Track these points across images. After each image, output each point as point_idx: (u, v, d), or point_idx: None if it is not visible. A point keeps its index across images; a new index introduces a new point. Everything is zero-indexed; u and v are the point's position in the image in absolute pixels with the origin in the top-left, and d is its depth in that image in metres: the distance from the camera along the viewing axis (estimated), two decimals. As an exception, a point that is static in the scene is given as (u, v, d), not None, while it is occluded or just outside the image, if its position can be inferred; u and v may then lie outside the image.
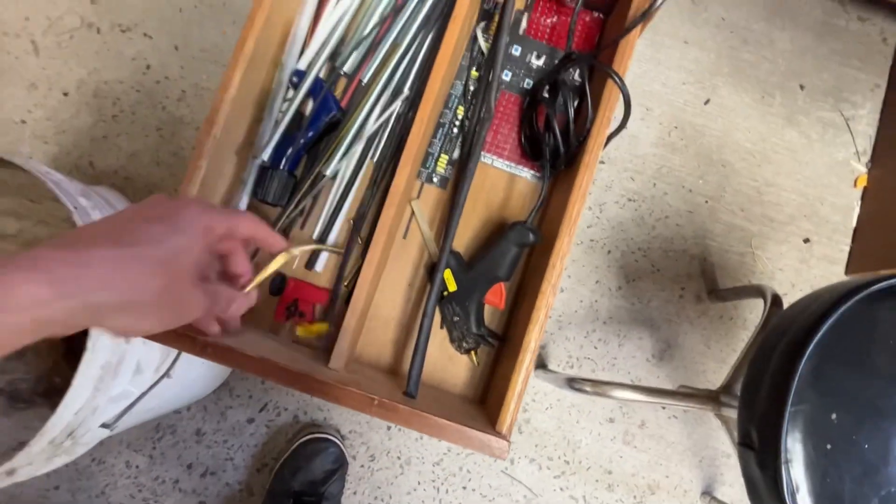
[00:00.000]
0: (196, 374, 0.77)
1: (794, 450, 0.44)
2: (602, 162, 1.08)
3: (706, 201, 1.09)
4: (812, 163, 1.12)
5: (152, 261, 0.30)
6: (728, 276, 1.07)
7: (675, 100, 1.11)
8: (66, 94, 1.05)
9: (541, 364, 1.01)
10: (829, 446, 0.44)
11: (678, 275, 1.06)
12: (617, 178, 1.08)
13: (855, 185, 1.11)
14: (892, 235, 1.03)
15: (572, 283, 1.05)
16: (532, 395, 1.01)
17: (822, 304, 0.47)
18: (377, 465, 0.99)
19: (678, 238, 1.07)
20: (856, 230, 1.10)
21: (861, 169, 1.12)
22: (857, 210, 1.10)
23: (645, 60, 1.12)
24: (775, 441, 0.44)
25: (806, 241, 1.09)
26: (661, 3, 0.48)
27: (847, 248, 1.09)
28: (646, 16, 0.48)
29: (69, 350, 0.93)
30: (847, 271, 1.08)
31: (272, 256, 0.46)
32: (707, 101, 1.12)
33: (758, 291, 0.88)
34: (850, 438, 0.44)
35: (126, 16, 1.07)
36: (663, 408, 1.02)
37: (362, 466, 0.99)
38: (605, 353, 1.03)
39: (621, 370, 1.03)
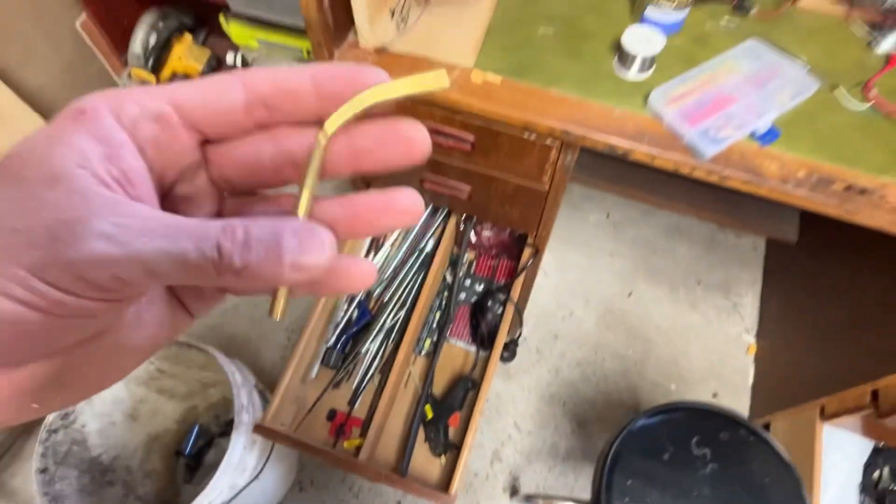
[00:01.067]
0: (271, 484, 1.14)
1: (610, 503, 0.80)
2: (556, 337, 1.52)
3: (635, 365, 1.49)
4: (713, 336, 1.53)
5: None
6: (657, 422, 1.41)
7: (606, 293, 1.58)
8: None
9: (514, 492, 1.33)
10: (626, 499, 0.80)
11: (618, 422, 1.41)
12: (568, 348, 1.51)
13: (747, 352, 1.50)
14: (779, 389, 1.38)
15: (537, 427, 1.41)
16: (509, 519, 1.31)
17: (625, 424, 0.87)
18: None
19: (615, 393, 1.45)
20: (753, 386, 1.45)
21: (751, 340, 1.52)
22: (752, 371, 1.47)
23: (582, 267, 1.62)
24: (598, 497, 0.80)
25: (714, 395, 1.45)
26: (530, 263, 0.97)
27: (748, 400, 1.44)
28: (523, 272, 0.97)
29: (173, 480, 1.31)
30: (749, 417, 1.41)
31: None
32: (630, 294, 1.59)
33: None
34: (640, 495, 0.80)
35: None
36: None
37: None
38: (565, 483, 1.34)
39: (579, 497, 1.33)
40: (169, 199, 0.20)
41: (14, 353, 0.16)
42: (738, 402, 1.44)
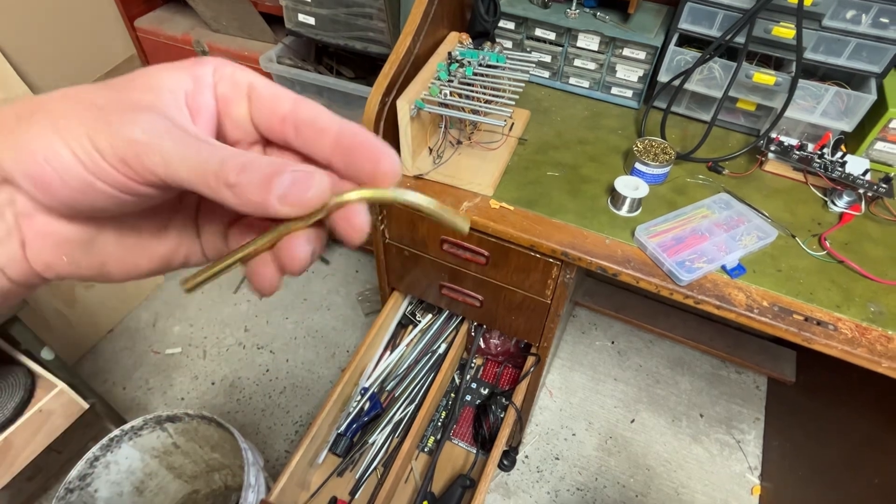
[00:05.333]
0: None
1: None
2: (557, 458, 1.53)
3: (636, 496, 1.47)
4: (716, 472, 1.52)
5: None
6: (658, 560, 1.36)
7: (609, 417, 1.61)
8: (213, 384, 1.67)
9: None
10: None
11: (618, 555, 1.37)
12: (569, 471, 1.51)
13: (752, 493, 1.48)
14: (785, 537, 1.35)
15: (534, 552, 1.37)
16: None
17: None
18: None
19: (616, 523, 1.42)
20: (758, 531, 1.41)
21: (755, 480, 1.50)
22: (757, 514, 1.44)
23: (587, 390, 1.67)
24: None
25: (718, 536, 1.41)
26: (533, 370, 1.06)
27: (753, 546, 1.39)
28: (526, 377, 1.05)
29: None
30: (756, 566, 1.36)
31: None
32: (633, 420, 1.61)
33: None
34: None
35: (263, 340, 1.77)
36: None
37: None
38: None
39: None
40: None
41: (66, 201, 0.20)
42: (744, 546, 1.39)
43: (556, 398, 1.65)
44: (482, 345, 1.17)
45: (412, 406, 1.11)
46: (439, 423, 1.11)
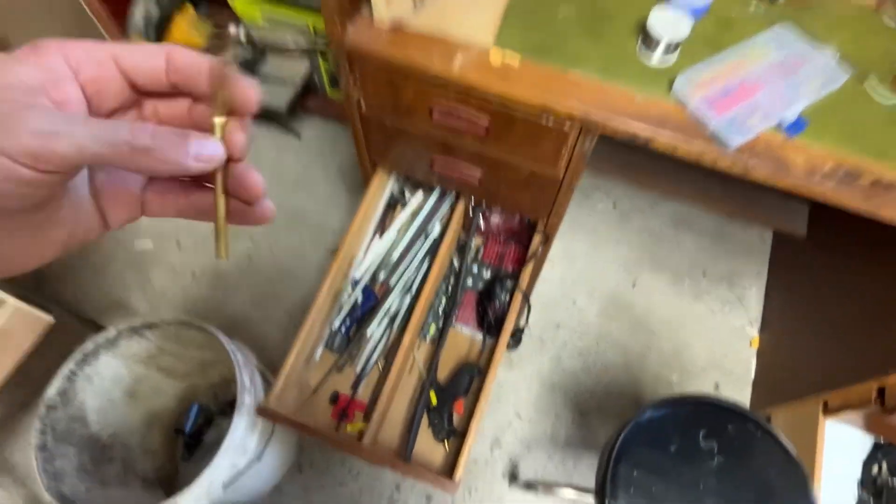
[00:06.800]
0: (271, 465, 1.14)
1: (615, 493, 0.80)
2: (558, 327, 1.51)
3: (637, 357, 1.48)
4: (716, 328, 1.52)
5: None
6: (657, 413, 1.41)
7: (610, 283, 1.57)
8: (193, 275, 1.57)
9: (513, 478, 1.33)
10: (631, 490, 0.79)
11: (619, 412, 1.41)
12: (570, 338, 1.50)
13: (750, 345, 1.50)
14: (781, 383, 1.38)
15: (539, 415, 1.41)
16: (508, 505, 1.31)
17: (633, 415, 0.86)
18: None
19: (616, 384, 1.45)
20: (754, 378, 1.45)
21: (754, 333, 1.51)
22: (753, 363, 1.47)
23: (588, 256, 1.61)
24: (603, 487, 0.80)
25: (716, 386, 1.45)
26: (540, 251, 0.95)
27: (749, 391, 1.44)
28: (532, 259, 0.95)
29: (172, 458, 1.31)
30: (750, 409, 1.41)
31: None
32: (634, 284, 1.57)
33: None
34: (645, 486, 0.80)
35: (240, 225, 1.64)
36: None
37: None
38: (564, 471, 1.35)
39: (578, 484, 1.33)
40: None
41: None
42: (740, 394, 1.44)
43: (557, 266, 1.59)
44: (482, 224, 1.05)
45: (409, 295, 1.02)
46: (440, 311, 1.04)
